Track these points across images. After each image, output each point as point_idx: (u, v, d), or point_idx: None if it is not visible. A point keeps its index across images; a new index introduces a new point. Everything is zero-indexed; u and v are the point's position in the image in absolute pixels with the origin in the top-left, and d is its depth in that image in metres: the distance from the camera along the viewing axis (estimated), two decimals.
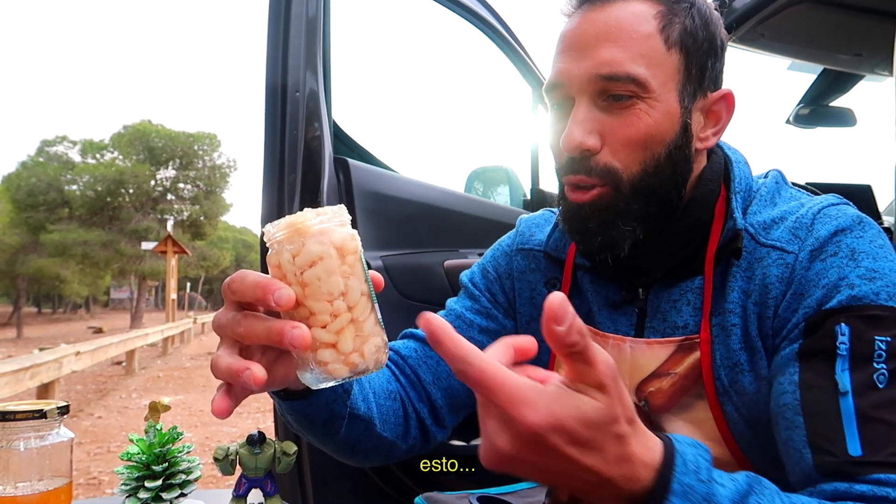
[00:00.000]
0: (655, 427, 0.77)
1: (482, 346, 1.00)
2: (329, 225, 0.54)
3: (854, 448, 0.57)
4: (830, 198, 0.75)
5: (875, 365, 0.60)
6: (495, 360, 0.45)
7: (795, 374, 0.64)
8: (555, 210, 0.95)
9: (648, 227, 0.75)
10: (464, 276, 1.00)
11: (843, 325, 0.62)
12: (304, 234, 0.53)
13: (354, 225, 1.50)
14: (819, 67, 2.56)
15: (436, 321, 0.45)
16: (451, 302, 0.98)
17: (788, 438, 0.63)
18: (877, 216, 2.28)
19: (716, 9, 0.78)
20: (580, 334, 0.43)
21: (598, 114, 0.72)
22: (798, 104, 2.64)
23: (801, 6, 1.81)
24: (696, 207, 0.77)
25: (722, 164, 0.80)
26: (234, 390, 0.56)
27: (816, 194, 0.78)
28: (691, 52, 0.73)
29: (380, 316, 0.57)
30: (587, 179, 0.73)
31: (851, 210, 0.72)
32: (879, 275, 0.65)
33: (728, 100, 0.77)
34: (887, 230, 2.10)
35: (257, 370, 0.52)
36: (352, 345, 0.54)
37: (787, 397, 0.64)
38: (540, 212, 0.98)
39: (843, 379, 0.60)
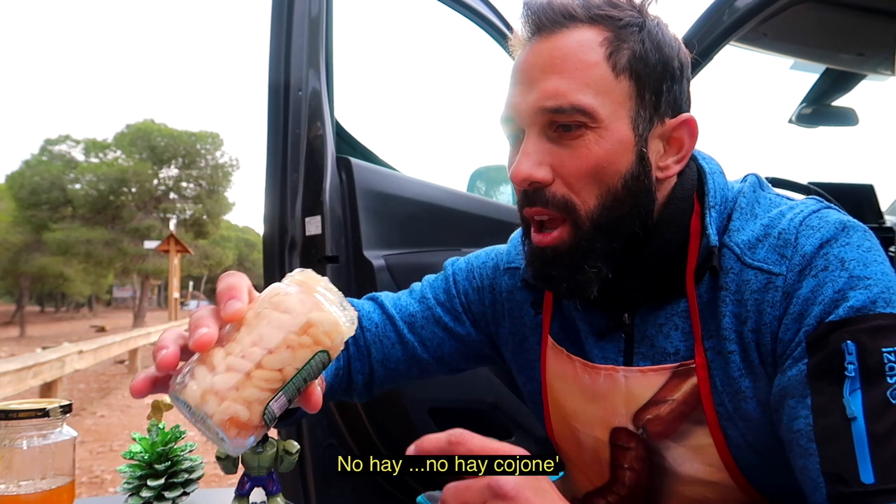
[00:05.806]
0: (655, 454, 0.75)
1: (442, 342, 0.96)
2: (326, 303, 0.53)
3: (867, 475, 0.56)
4: (811, 204, 0.72)
5: (888, 380, 0.59)
6: None
7: (808, 398, 0.62)
8: None
9: (615, 264, 0.73)
10: (449, 264, 0.99)
11: (849, 342, 0.61)
12: (303, 287, 0.53)
13: (356, 224, 1.51)
14: (821, 67, 2.55)
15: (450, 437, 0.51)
16: (427, 284, 0.97)
17: (804, 466, 0.61)
18: (879, 216, 2.27)
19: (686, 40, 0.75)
20: None
21: (548, 145, 0.71)
22: (800, 104, 2.64)
23: (804, 6, 1.80)
24: (666, 228, 0.74)
25: (694, 179, 0.76)
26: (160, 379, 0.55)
27: (809, 192, 0.76)
28: (643, 78, 0.70)
29: (275, 412, 0.52)
30: (544, 211, 0.72)
31: (833, 215, 0.70)
32: (873, 281, 0.63)
33: (690, 125, 0.73)
34: (889, 230, 2.10)
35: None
36: (223, 387, 0.49)
37: (800, 423, 0.62)
38: None
39: (852, 402, 0.59)
